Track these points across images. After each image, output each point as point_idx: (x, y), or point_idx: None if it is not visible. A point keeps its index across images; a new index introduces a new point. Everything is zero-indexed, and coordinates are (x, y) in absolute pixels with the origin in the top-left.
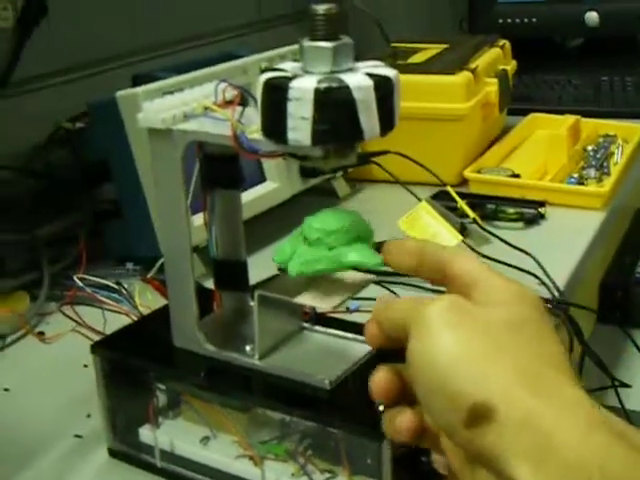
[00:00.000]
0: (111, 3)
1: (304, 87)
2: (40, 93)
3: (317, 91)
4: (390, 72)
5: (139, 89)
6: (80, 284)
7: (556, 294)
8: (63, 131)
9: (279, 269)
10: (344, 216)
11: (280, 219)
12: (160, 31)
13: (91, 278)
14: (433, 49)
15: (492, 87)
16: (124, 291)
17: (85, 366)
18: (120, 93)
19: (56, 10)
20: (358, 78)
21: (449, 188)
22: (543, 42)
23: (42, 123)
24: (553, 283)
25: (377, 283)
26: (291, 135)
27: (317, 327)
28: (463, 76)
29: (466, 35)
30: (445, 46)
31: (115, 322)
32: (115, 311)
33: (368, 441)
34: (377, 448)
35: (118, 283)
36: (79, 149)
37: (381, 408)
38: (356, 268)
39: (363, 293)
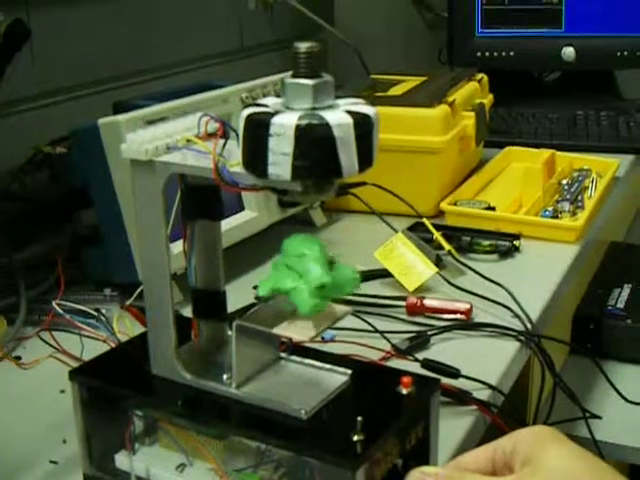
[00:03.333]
0: (93, 29)
1: (285, 123)
2: (20, 117)
3: (298, 127)
4: (369, 110)
5: (120, 117)
6: (58, 310)
7: (529, 326)
8: (42, 155)
9: (256, 298)
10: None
11: (258, 248)
12: (142, 58)
13: (69, 304)
14: (412, 82)
15: (469, 121)
16: (102, 318)
17: (62, 392)
18: (102, 121)
19: (38, 34)
20: (338, 115)
21: (425, 220)
22: (520, 76)
23: (22, 147)
24: (526, 315)
25: (353, 314)
26: (271, 170)
27: (294, 357)
28: (440, 109)
29: (444, 68)
30: (423, 79)
31: (93, 348)
32: (93, 337)
33: (343, 470)
34: (351, 477)
35: (97, 310)
36: (60, 174)
37: None
38: None
39: (339, 324)
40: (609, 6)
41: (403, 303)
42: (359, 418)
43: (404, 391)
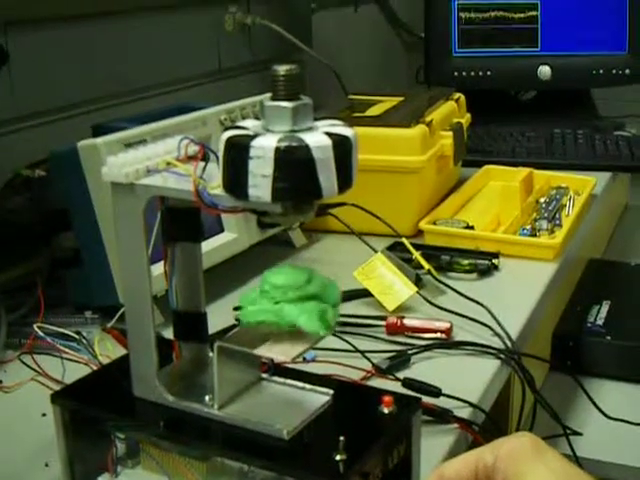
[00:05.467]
0: (72, 52)
1: (265, 146)
2: None
3: (277, 150)
4: (348, 131)
5: (99, 140)
6: (39, 333)
7: (509, 344)
8: (21, 178)
9: (236, 319)
10: (299, 273)
11: (238, 269)
12: (121, 80)
13: (50, 327)
14: (389, 102)
15: (447, 140)
16: (84, 340)
17: (43, 415)
18: (81, 143)
19: (16, 58)
20: (317, 137)
21: (404, 239)
22: (497, 94)
23: (0, 170)
24: (506, 333)
25: (333, 334)
26: (252, 192)
27: (275, 377)
28: (418, 129)
29: (422, 88)
30: (401, 99)
31: (74, 371)
32: (74, 360)
33: None
34: None
35: (78, 332)
36: (39, 197)
37: None
38: None
39: (319, 343)
40: (584, 25)
41: (383, 323)
42: (341, 438)
43: (385, 410)
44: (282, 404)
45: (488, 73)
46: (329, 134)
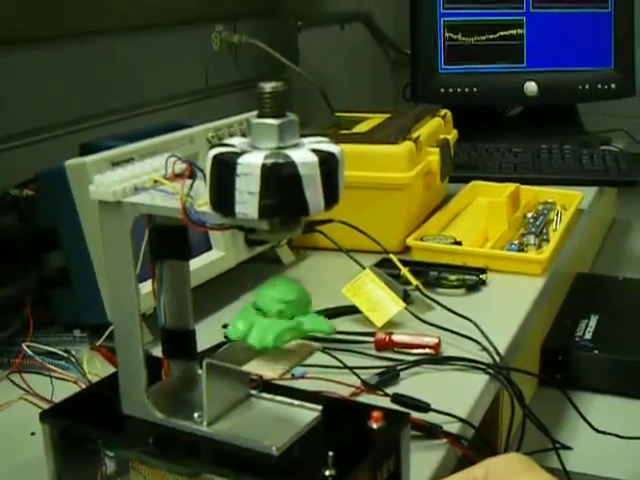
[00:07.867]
0: (59, 70)
1: (251, 163)
2: None
3: (264, 167)
4: (334, 148)
5: (87, 159)
6: (28, 352)
7: (497, 359)
8: (9, 197)
9: (225, 337)
10: (293, 286)
11: (226, 287)
12: (108, 99)
13: (39, 346)
14: (376, 119)
15: (434, 156)
16: (72, 359)
17: (32, 434)
18: (69, 162)
19: (3, 77)
20: (303, 154)
21: (392, 256)
22: (484, 111)
23: None
24: (494, 348)
25: (322, 350)
26: (239, 209)
27: (264, 394)
28: (405, 146)
29: (408, 105)
30: (388, 116)
31: (63, 390)
32: (63, 379)
33: None
34: None
35: (67, 351)
36: (27, 216)
37: None
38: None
39: (308, 360)
40: (570, 41)
41: (372, 339)
42: (330, 453)
43: (374, 426)
44: (271, 420)
45: (474, 89)
46: (315, 151)
